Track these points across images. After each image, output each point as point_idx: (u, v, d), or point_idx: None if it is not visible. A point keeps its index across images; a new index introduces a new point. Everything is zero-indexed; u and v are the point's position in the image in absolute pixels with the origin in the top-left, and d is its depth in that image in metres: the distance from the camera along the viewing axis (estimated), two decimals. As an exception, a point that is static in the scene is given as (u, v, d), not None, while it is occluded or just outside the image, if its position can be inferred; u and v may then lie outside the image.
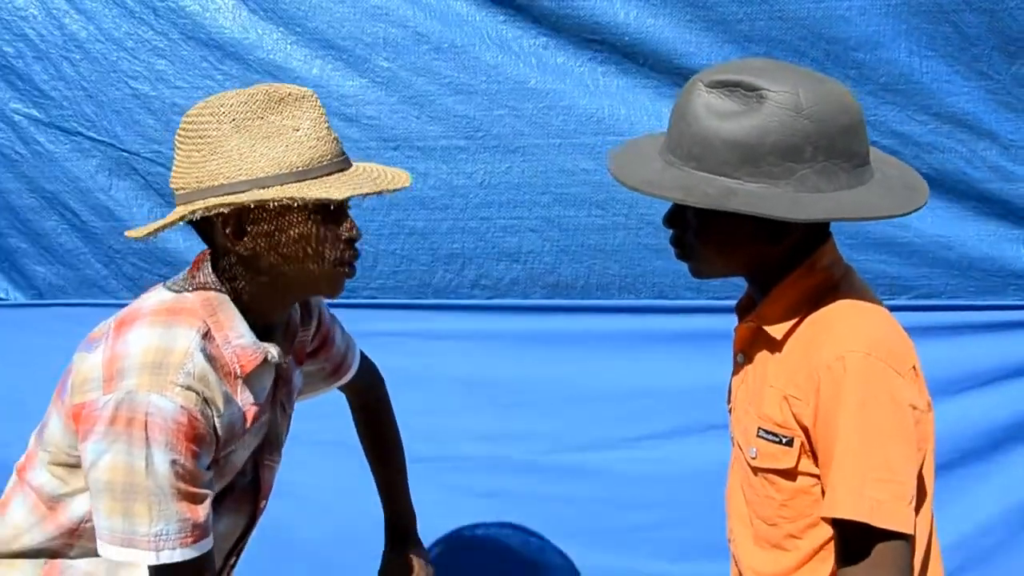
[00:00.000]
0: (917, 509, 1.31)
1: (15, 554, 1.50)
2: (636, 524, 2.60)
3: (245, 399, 1.48)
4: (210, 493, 1.43)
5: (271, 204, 1.35)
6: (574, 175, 2.58)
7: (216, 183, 1.37)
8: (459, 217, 2.60)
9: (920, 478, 1.33)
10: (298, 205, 1.37)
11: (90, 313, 2.66)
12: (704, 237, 1.41)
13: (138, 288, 2.67)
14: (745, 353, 1.52)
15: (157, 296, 1.46)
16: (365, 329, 2.33)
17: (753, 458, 1.43)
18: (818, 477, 1.35)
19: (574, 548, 2.63)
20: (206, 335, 1.42)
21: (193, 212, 1.36)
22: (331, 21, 2.56)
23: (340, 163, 1.43)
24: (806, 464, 1.36)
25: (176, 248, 2.67)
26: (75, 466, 1.44)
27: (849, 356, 1.29)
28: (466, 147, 2.57)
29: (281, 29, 2.58)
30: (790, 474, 1.38)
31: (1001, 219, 2.57)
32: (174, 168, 1.43)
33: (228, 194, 1.36)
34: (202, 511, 1.40)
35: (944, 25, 2.50)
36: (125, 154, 2.64)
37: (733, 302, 2.54)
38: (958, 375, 2.53)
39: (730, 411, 1.61)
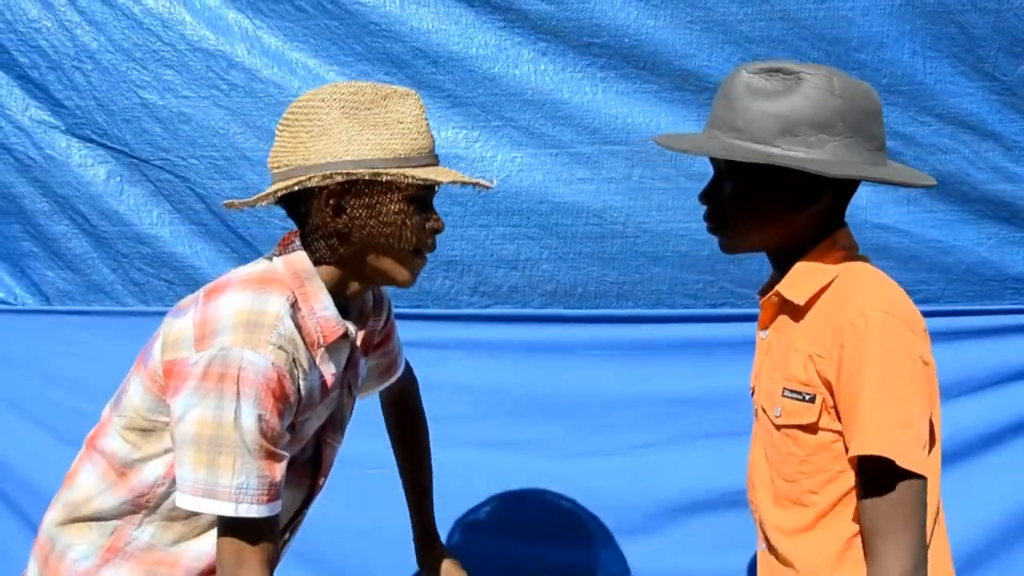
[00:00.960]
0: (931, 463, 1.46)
1: (86, 518, 1.58)
2: (633, 529, 2.62)
3: (325, 368, 1.56)
4: (287, 456, 1.50)
5: (383, 177, 1.46)
6: (571, 184, 2.61)
7: (323, 161, 1.47)
8: (458, 224, 2.63)
9: (931, 427, 1.47)
10: (401, 185, 1.49)
11: (99, 321, 2.72)
12: (739, 206, 1.54)
13: (144, 294, 2.74)
14: (771, 332, 1.64)
15: (246, 268, 1.56)
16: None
17: (777, 416, 1.54)
18: (838, 433, 1.47)
19: (572, 553, 2.66)
20: (294, 304, 1.50)
21: (310, 178, 1.45)
22: (333, 37, 2.60)
23: (434, 158, 1.57)
24: (827, 421, 1.48)
25: (183, 253, 2.72)
26: (150, 431, 1.53)
27: (870, 313, 1.43)
28: (465, 156, 2.61)
29: (285, 43, 2.62)
30: (811, 428, 1.49)
31: (1003, 222, 2.57)
32: (276, 147, 1.52)
33: (333, 172, 1.46)
34: (279, 471, 1.47)
35: (949, 26, 2.50)
36: (136, 161, 2.69)
37: (729, 311, 2.59)
38: (956, 379, 2.52)
39: (752, 390, 1.72)
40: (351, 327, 1.60)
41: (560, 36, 2.56)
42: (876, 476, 1.42)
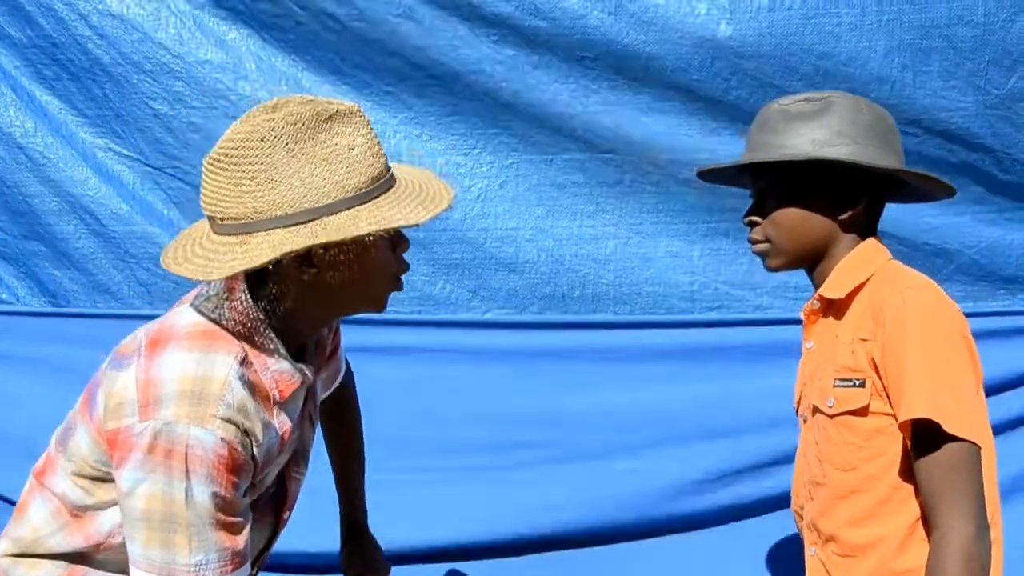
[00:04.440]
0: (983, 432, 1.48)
1: (40, 556, 1.49)
2: (632, 533, 2.63)
3: (281, 421, 1.46)
4: (248, 520, 1.42)
5: (368, 238, 1.32)
6: (565, 188, 2.69)
7: (280, 212, 1.31)
8: (458, 228, 2.71)
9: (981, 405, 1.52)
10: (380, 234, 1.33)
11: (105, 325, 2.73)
12: (784, 215, 1.62)
13: (150, 296, 2.78)
14: (815, 339, 1.71)
15: (191, 316, 1.42)
16: (367, 343, 2.41)
17: (831, 406, 1.59)
18: (891, 416, 1.52)
19: (571, 556, 2.65)
20: (244, 360, 1.38)
21: (286, 254, 1.29)
22: (338, 50, 2.69)
23: (391, 178, 1.41)
24: (877, 404, 1.53)
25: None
26: (101, 479, 1.43)
27: (907, 292, 1.51)
28: (463, 163, 2.70)
29: (292, 56, 2.72)
30: (863, 412, 1.55)
31: (991, 225, 2.62)
32: (215, 193, 1.34)
33: (296, 224, 1.31)
34: (241, 539, 1.39)
35: (938, 40, 2.54)
36: (150, 169, 2.77)
37: (725, 315, 2.61)
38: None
39: (797, 404, 1.77)
40: (308, 373, 1.48)
41: (553, 50, 2.63)
42: (927, 444, 1.44)
